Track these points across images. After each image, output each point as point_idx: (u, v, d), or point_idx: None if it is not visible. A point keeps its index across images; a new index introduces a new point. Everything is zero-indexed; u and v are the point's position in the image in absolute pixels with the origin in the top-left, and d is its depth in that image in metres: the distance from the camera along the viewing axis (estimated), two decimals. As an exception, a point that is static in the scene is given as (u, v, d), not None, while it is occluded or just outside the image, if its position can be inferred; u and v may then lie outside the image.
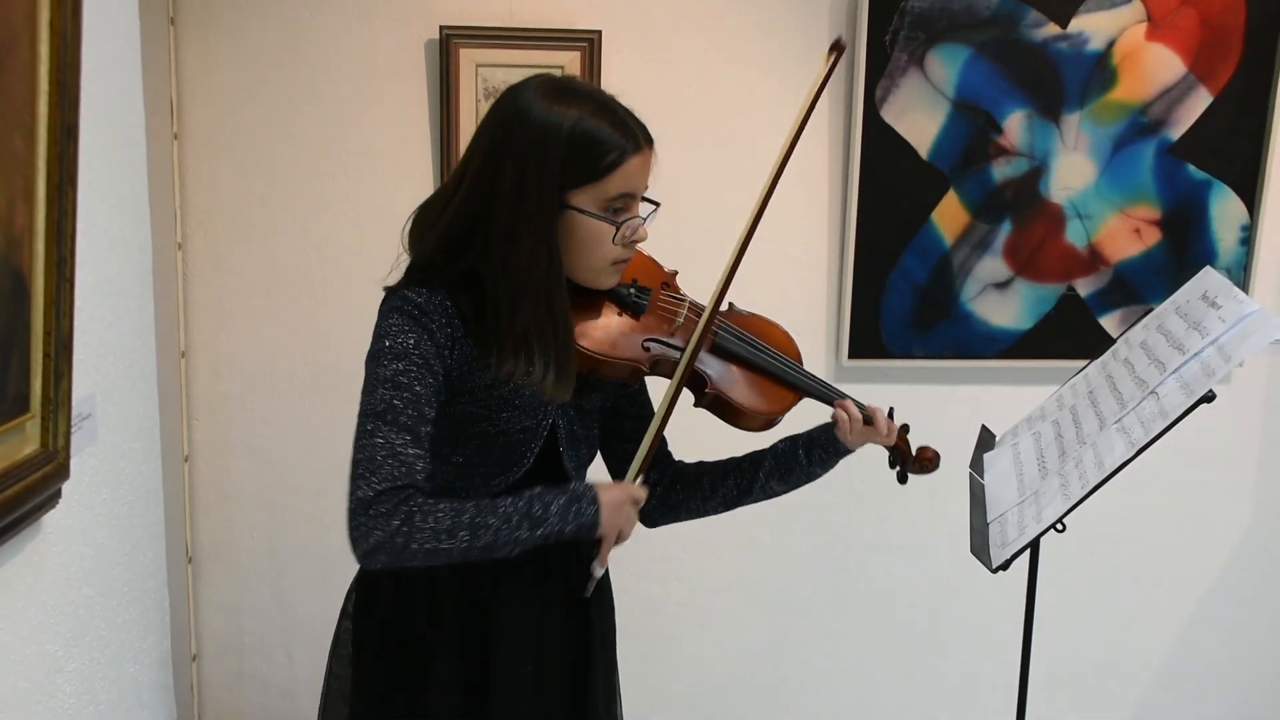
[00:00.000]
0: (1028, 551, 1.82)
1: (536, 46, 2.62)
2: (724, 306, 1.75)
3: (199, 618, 2.88)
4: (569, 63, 2.63)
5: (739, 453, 1.86)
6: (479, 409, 1.60)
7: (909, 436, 1.87)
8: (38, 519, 1.47)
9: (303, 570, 2.86)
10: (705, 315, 1.66)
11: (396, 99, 2.68)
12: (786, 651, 3.05)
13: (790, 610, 3.02)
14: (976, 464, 2.10)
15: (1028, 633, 2.00)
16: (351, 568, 1.68)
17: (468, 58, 2.59)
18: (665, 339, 1.69)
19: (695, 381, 1.71)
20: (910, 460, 1.86)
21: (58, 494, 1.51)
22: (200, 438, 2.80)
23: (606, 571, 1.85)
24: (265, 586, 2.87)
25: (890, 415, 1.80)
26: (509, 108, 1.56)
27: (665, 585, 2.96)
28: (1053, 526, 1.77)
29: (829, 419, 1.79)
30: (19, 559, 1.44)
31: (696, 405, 1.74)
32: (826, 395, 1.80)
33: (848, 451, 1.79)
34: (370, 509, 1.47)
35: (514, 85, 1.59)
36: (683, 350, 1.67)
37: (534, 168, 1.52)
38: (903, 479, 1.90)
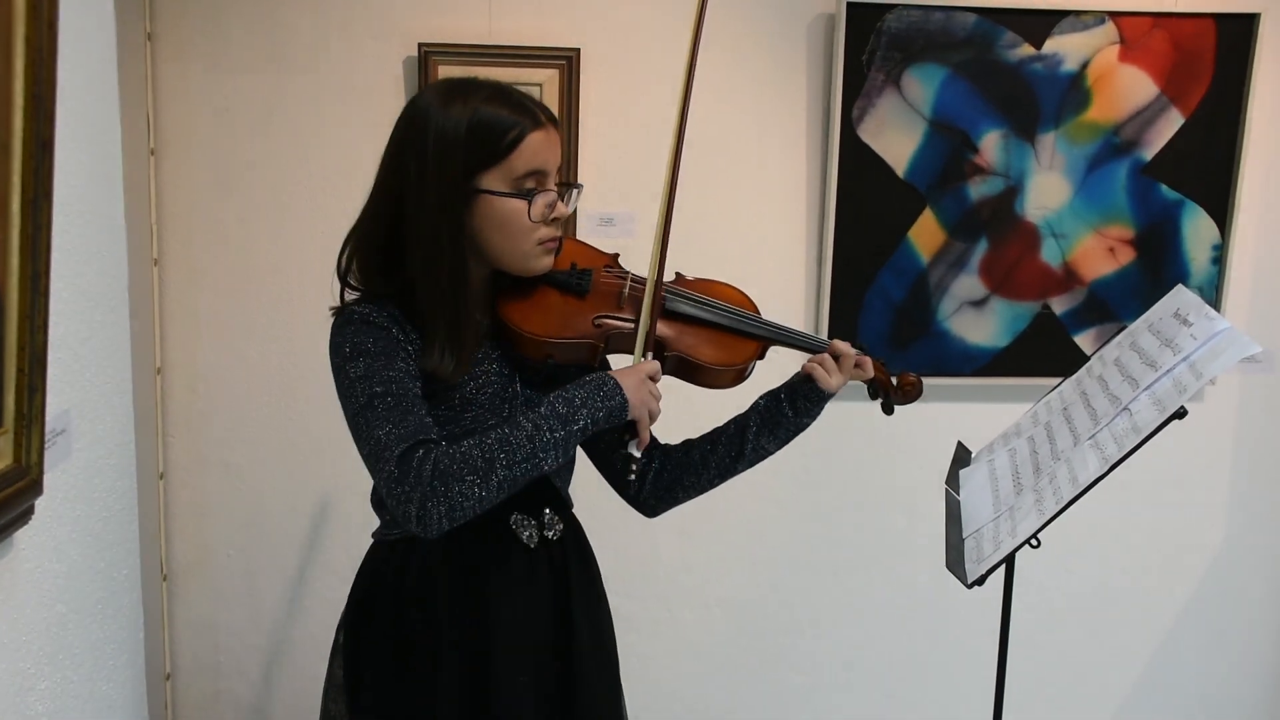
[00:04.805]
0: (1003, 567, 1.83)
1: (515, 64, 2.63)
2: (670, 276, 1.77)
3: (174, 636, 2.86)
4: (547, 80, 2.63)
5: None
6: (445, 412, 1.62)
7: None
8: (10, 535, 1.46)
9: (279, 589, 2.84)
10: (652, 271, 1.68)
11: (375, 116, 2.68)
12: (763, 669, 3.04)
13: (768, 627, 3.02)
14: (952, 480, 2.11)
15: (1003, 648, 2.01)
16: (327, 585, 1.65)
17: (446, 75, 2.59)
18: (614, 314, 1.71)
19: (655, 348, 1.72)
20: (893, 390, 1.88)
21: (30, 510, 1.49)
22: (176, 454, 2.78)
23: (600, 579, 1.85)
24: (241, 605, 2.85)
25: (865, 352, 1.82)
26: (408, 117, 1.63)
27: (643, 602, 2.95)
28: (1027, 542, 1.77)
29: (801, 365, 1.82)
30: (-9, 576, 1.43)
31: (662, 373, 1.75)
32: (793, 341, 1.82)
33: (829, 396, 1.80)
34: (401, 480, 1.47)
35: (412, 98, 1.67)
36: (634, 322, 1.69)
37: (436, 165, 1.56)
38: (888, 409, 1.91)
